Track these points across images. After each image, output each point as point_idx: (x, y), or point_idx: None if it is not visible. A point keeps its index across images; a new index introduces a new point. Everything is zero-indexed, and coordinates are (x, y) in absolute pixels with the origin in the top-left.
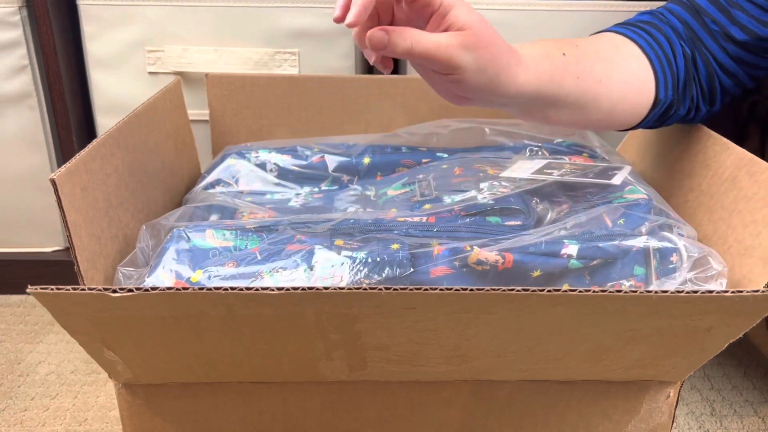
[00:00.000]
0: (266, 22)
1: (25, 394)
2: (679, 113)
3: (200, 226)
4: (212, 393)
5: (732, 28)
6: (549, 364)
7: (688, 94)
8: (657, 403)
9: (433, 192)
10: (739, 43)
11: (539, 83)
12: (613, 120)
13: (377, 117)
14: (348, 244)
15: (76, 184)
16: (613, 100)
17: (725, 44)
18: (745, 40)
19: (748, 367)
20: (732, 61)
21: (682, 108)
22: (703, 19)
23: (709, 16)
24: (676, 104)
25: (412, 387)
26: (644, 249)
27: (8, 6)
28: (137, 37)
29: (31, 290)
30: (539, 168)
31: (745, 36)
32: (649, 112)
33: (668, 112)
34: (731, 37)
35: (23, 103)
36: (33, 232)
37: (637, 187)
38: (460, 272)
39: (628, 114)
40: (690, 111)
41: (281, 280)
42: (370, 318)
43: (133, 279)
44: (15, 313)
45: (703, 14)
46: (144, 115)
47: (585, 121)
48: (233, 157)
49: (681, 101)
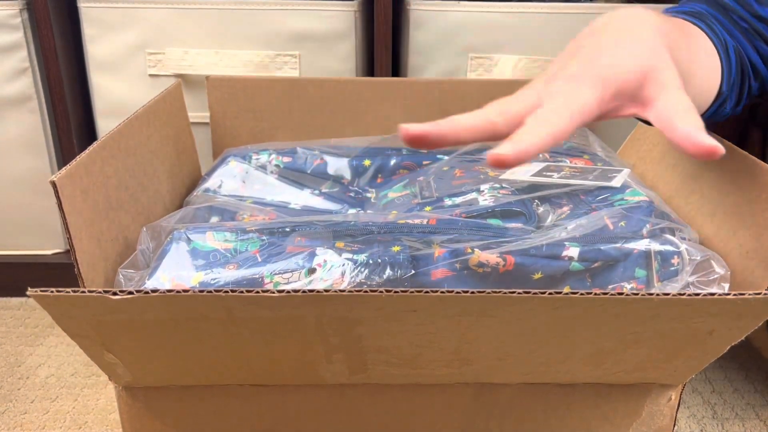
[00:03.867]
0: (267, 25)
1: (25, 397)
2: (725, 110)
3: (200, 228)
4: (212, 396)
5: (760, 25)
6: (550, 367)
7: (735, 92)
8: (658, 406)
9: (433, 194)
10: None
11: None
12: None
13: (378, 119)
14: (349, 246)
15: (76, 186)
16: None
17: (756, 42)
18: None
19: (749, 370)
20: (762, 62)
21: (728, 106)
22: (731, 16)
23: (737, 14)
24: (728, 101)
25: (412, 390)
26: (646, 252)
27: (9, 9)
28: (138, 39)
29: (31, 293)
30: (539, 170)
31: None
32: (711, 104)
33: (721, 108)
34: (760, 34)
35: (24, 106)
36: (33, 234)
37: (638, 189)
38: (461, 274)
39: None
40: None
41: (282, 282)
42: (370, 321)
43: (134, 281)
44: (15, 316)
45: (729, 11)
46: (144, 118)
47: None
48: (234, 159)
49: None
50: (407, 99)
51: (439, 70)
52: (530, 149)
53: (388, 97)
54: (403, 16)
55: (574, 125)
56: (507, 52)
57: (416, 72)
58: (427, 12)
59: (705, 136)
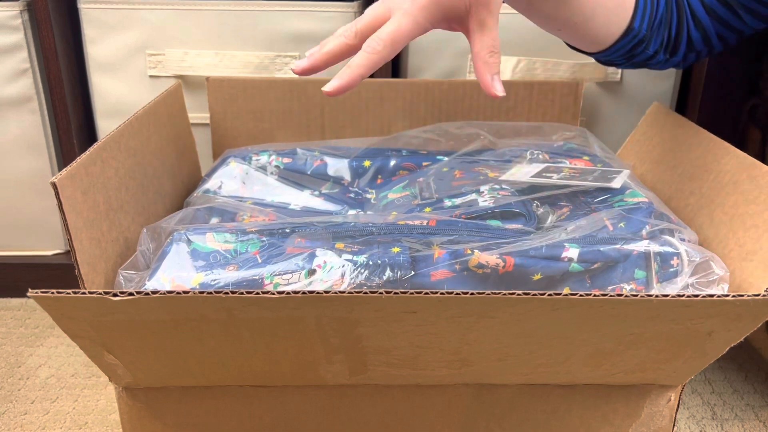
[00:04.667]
0: (267, 26)
1: (25, 397)
2: (647, 52)
3: (201, 229)
4: (212, 397)
5: None
6: (550, 368)
7: (660, 35)
8: (658, 407)
9: (433, 195)
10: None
11: None
12: (587, 29)
13: (377, 120)
14: (349, 248)
15: (76, 187)
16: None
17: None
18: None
19: (749, 371)
20: (705, 11)
21: (651, 48)
22: None
23: None
24: (646, 41)
25: (412, 391)
26: (645, 253)
27: (9, 10)
28: (138, 40)
29: (31, 294)
30: (539, 171)
31: None
32: (620, 38)
33: (638, 47)
34: None
35: (24, 107)
36: (33, 235)
37: (638, 190)
38: (461, 275)
39: (601, 28)
40: (656, 54)
41: (282, 283)
42: (370, 322)
43: (135, 282)
44: (15, 317)
45: None
46: (145, 119)
47: (563, 19)
48: (234, 160)
49: (651, 41)
50: (407, 100)
51: (439, 71)
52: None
53: (387, 97)
54: None
55: (395, 52)
56: (507, 53)
57: (416, 73)
58: None
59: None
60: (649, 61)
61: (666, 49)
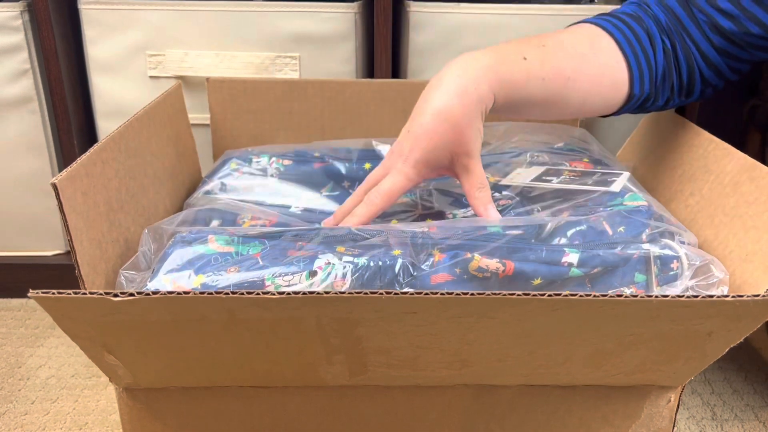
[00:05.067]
0: (267, 27)
1: (25, 398)
2: (657, 104)
3: (202, 232)
4: (213, 397)
5: (720, 18)
6: (550, 368)
7: (667, 86)
8: (658, 408)
9: (433, 198)
10: (726, 34)
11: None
12: (584, 112)
13: (378, 121)
14: (350, 251)
15: (77, 188)
16: (582, 95)
17: (711, 35)
18: (733, 31)
19: (749, 371)
20: (716, 52)
21: (661, 99)
22: (690, 8)
23: (697, 6)
24: (653, 97)
25: (412, 392)
26: (645, 256)
27: (10, 10)
28: (138, 41)
29: (32, 294)
30: (539, 174)
31: (732, 27)
32: (623, 105)
33: (645, 104)
34: (718, 27)
35: (24, 107)
36: (34, 235)
37: (638, 194)
38: (461, 279)
39: (599, 106)
40: (668, 102)
41: (282, 285)
42: (370, 322)
43: (136, 282)
44: (16, 317)
45: (691, 4)
46: (145, 120)
47: (556, 115)
48: (234, 161)
49: (659, 94)
50: (407, 101)
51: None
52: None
53: (388, 98)
54: (402, 18)
55: (391, 203)
56: None
57: (416, 74)
58: (427, 14)
59: (489, 212)
60: (664, 107)
61: (680, 94)
